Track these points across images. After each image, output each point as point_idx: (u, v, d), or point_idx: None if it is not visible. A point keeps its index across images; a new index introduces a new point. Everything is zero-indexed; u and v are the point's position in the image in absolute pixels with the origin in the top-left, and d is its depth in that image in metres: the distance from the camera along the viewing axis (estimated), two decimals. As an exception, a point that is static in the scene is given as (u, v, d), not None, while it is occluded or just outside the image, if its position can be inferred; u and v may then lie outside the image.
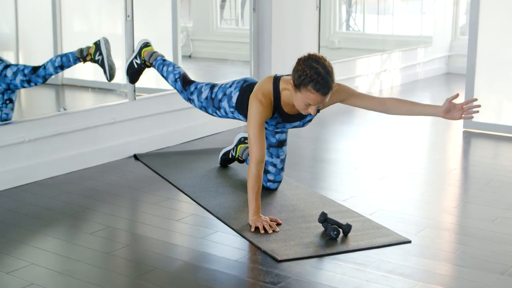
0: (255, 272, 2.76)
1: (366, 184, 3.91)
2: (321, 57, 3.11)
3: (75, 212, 3.42)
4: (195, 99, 3.69)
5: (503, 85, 5.13)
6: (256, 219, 3.18)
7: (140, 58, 3.98)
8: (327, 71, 3.05)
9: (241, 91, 3.47)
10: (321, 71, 3.03)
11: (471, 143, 4.92)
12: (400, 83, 7.27)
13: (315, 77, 3.02)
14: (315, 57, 3.09)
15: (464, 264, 2.84)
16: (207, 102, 3.62)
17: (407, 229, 3.19)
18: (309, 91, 3.04)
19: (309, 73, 3.02)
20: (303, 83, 3.04)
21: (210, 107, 3.63)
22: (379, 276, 2.72)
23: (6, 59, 3.87)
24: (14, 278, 2.68)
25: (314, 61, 3.06)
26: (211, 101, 3.60)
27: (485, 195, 3.72)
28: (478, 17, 5.10)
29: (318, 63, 3.06)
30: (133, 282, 2.67)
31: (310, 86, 3.03)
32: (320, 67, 3.04)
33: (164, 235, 3.18)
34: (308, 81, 3.03)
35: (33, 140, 3.87)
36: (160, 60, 3.91)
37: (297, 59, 3.13)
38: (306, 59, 3.09)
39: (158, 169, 4.10)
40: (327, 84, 3.04)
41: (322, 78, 3.03)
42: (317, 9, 5.90)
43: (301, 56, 3.13)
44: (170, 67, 3.85)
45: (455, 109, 3.23)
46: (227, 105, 3.53)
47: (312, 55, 3.11)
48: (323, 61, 3.09)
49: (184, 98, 3.79)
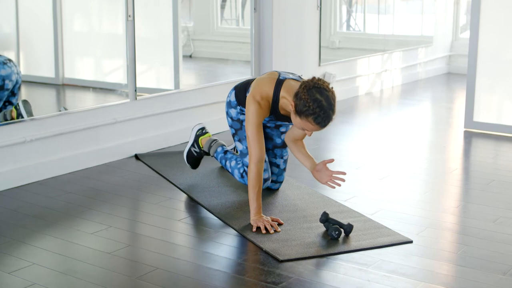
0: (257, 272, 2.76)
1: (367, 184, 3.91)
2: (326, 86, 3.06)
3: (76, 212, 3.42)
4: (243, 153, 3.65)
5: (504, 85, 5.13)
6: (257, 219, 3.18)
7: (199, 147, 3.90)
8: (329, 105, 3.03)
9: (236, 90, 3.56)
10: (324, 104, 3.01)
11: (472, 143, 4.92)
12: (401, 83, 7.27)
13: (317, 111, 3.01)
14: (319, 87, 3.04)
15: (466, 264, 2.84)
16: (239, 135, 3.60)
17: (408, 229, 3.20)
18: (309, 122, 3.05)
19: (311, 106, 3.00)
20: (304, 114, 3.04)
21: (244, 134, 3.58)
22: (380, 276, 2.72)
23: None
24: (16, 278, 2.68)
25: (318, 92, 3.02)
26: (240, 132, 3.59)
27: (486, 195, 3.72)
28: (479, 17, 5.10)
29: (322, 95, 3.02)
30: (134, 282, 2.67)
31: (311, 118, 3.03)
32: (323, 100, 3.01)
33: (165, 235, 3.18)
34: (310, 113, 3.02)
35: (34, 140, 3.87)
36: (221, 153, 3.80)
37: (301, 84, 3.08)
38: (310, 88, 3.03)
39: (159, 169, 4.10)
40: (328, 119, 3.05)
41: (324, 112, 3.02)
42: (318, 9, 5.90)
43: (306, 81, 3.08)
44: (233, 161, 3.72)
45: (325, 173, 3.34)
46: (234, 111, 3.56)
47: (317, 84, 3.05)
48: (327, 92, 3.05)
49: None
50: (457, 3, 8.13)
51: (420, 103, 6.47)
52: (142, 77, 4.51)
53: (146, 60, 4.70)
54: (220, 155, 3.81)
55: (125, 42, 4.40)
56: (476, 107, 5.19)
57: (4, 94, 3.84)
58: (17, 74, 3.87)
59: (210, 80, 5.48)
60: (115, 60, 4.22)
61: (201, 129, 3.94)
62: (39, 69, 4.15)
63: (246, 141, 3.54)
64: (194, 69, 5.73)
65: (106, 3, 4.73)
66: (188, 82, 5.19)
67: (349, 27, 7.32)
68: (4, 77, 3.82)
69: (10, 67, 3.84)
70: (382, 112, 6.11)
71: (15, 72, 3.87)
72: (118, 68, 4.59)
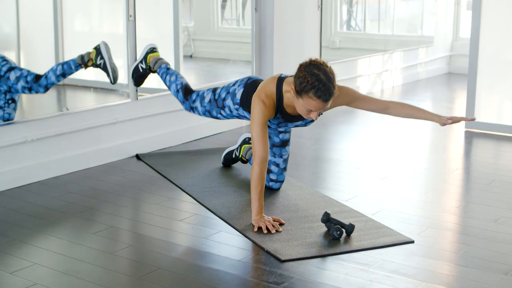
0: (259, 272, 2.76)
1: (368, 184, 3.91)
2: (323, 63, 3.08)
3: (78, 212, 3.43)
4: (198, 106, 3.70)
5: (504, 85, 5.13)
6: (259, 219, 3.18)
7: (146, 63, 4.00)
8: (328, 78, 3.03)
9: (245, 87, 3.48)
10: (322, 77, 3.02)
11: (473, 143, 4.92)
12: (402, 83, 7.27)
13: (316, 84, 3.00)
14: (316, 63, 3.07)
15: (467, 264, 2.84)
16: (211, 104, 3.62)
17: (409, 229, 3.20)
18: (310, 98, 3.04)
19: (310, 80, 3.01)
20: (304, 90, 3.03)
21: (214, 109, 3.63)
22: (382, 276, 2.72)
23: (12, 61, 3.87)
24: (18, 278, 2.68)
25: (316, 67, 3.04)
26: (215, 103, 3.60)
27: (487, 195, 3.72)
28: (480, 17, 5.10)
29: (319, 70, 3.04)
30: (136, 282, 2.68)
31: (312, 93, 3.02)
32: (321, 74, 3.02)
33: (167, 235, 3.18)
34: (310, 88, 3.01)
35: (35, 140, 3.87)
36: (164, 69, 3.92)
37: (299, 65, 3.11)
38: (307, 65, 3.06)
39: (161, 169, 4.10)
40: (329, 91, 3.03)
41: (324, 85, 3.01)
42: (319, 9, 5.90)
43: (303, 61, 3.11)
44: (173, 76, 3.86)
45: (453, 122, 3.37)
46: (231, 103, 3.53)
47: (314, 61, 3.08)
48: (325, 67, 3.06)
49: (186, 108, 3.80)
50: (458, 3, 8.13)
51: (421, 103, 6.46)
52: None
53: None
54: (162, 70, 3.91)
55: (125, 42, 4.40)
56: (477, 107, 5.19)
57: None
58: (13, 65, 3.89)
59: (210, 80, 5.47)
60: (115, 60, 4.21)
61: (152, 48, 4.02)
62: (39, 68, 4.13)
63: (207, 105, 3.65)
64: (194, 69, 5.73)
65: (106, 3, 4.72)
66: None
67: (349, 27, 7.32)
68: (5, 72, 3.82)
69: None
70: (383, 112, 6.10)
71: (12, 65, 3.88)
72: (119, 68, 4.59)
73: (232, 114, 3.59)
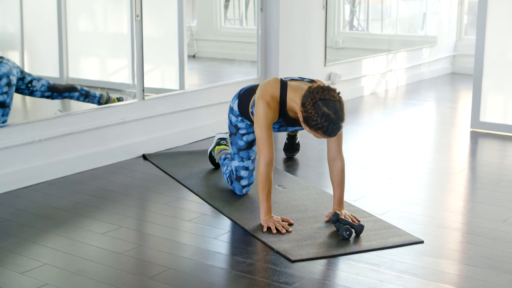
0: (269, 272, 2.76)
1: (376, 184, 3.91)
2: (332, 96, 2.96)
3: (86, 212, 3.43)
4: (228, 160, 3.77)
5: (510, 85, 5.13)
6: (267, 219, 3.18)
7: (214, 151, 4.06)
8: (338, 116, 2.94)
9: (240, 97, 3.52)
10: (332, 117, 2.93)
11: (479, 143, 4.92)
12: (405, 83, 7.27)
13: (325, 124, 2.93)
14: (325, 97, 2.94)
15: (477, 264, 2.84)
16: (231, 139, 3.62)
17: (418, 229, 3.20)
18: (318, 134, 2.99)
19: (319, 121, 2.93)
20: (313, 127, 2.97)
21: (235, 140, 3.59)
22: (392, 276, 2.72)
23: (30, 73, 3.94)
24: (28, 279, 2.68)
25: (325, 104, 2.92)
26: (234, 136, 3.60)
27: (495, 195, 3.72)
28: (485, 17, 5.10)
29: (329, 108, 2.92)
30: (146, 282, 2.68)
31: (320, 132, 2.97)
32: (331, 114, 2.92)
33: (175, 235, 3.18)
34: (319, 127, 2.95)
35: (43, 140, 3.87)
36: (221, 160, 3.91)
37: (307, 95, 2.97)
38: (316, 102, 2.93)
39: (167, 169, 4.10)
40: (338, 129, 2.98)
41: (333, 125, 2.94)
42: (323, 9, 5.90)
43: (312, 90, 2.96)
44: (224, 167, 3.79)
45: None
46: (234, 119, 3.55)
47: (323, 95, 2.94)
48: (334, 102, 2.95)
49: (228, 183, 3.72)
50: (461, 3, 8.13)
51: (425, 103, 6.47)
52: (147, 77, 4.50)
53: (151, 60, 4.70)
54: (221, 161, 3.90)
55: (130, 42, 4.40)
56: (482, 107, 5.19)
57: (13, 90, 3.85)
58: (16, 68, 3.88)
59: (213, 80, 5.47)
60: (119, 60, 4.21)
61: (221, 138, 4.07)
62: (43, 69, 4.14)
63: (235, 147, 3.59)
64: (197, 69, 5.72)
65: (110, 3, 4.72)
66: (191, 82, 5.18)
67: (352, 27, 7.32)
68: (7, 74, 3.82)
69: (6, 63, 3.84)
70: (387, 112, 6.11)
71: (14, 66, 3.88)
72: (123, 68, 4.59)
73: (245, 128, 3.56)
